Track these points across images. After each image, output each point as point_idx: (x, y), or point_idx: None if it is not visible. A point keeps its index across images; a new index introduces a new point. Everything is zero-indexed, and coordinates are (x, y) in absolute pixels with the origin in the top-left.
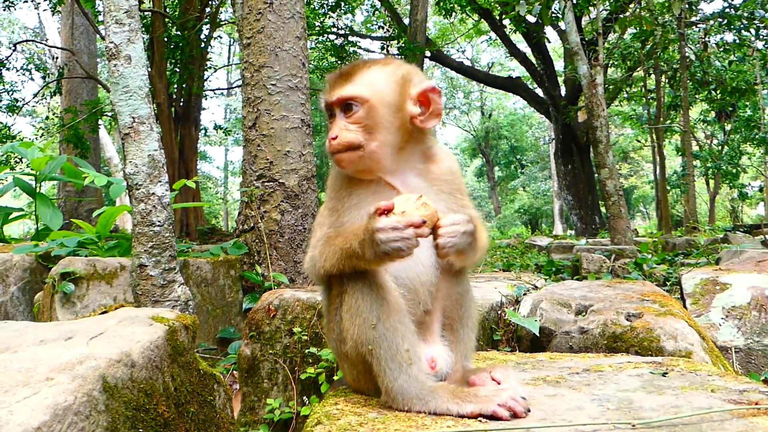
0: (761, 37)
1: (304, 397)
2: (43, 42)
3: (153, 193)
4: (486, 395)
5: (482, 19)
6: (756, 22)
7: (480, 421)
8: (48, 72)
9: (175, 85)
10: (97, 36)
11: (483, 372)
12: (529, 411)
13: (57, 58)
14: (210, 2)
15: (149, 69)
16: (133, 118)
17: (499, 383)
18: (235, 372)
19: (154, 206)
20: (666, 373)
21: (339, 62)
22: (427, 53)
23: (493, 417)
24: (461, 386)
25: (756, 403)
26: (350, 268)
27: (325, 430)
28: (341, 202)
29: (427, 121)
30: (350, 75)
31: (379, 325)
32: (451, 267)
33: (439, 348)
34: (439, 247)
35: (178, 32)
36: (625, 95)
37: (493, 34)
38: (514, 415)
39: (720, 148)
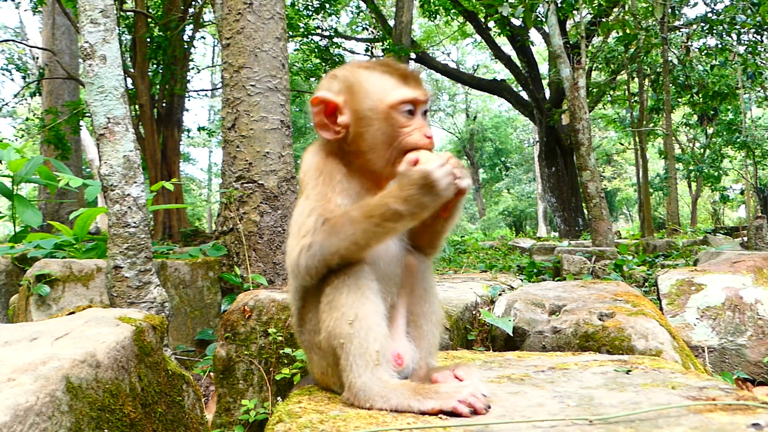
0: (743, 41)
1: (279, 398)
2: (24, 42)
3: (128, 195)
4: (447, 392)
5: (467, 22)
6: (737, 26)
7: (440, 417)
8: (28, 72)
9: (158, 86)
10: (78, 36)
11: (446, 370)
12: (489, 408)
13: (38, 58)
14: (193, 2)
15: (132, 70)
16: (108, 118)
17: (461, 381)
18: (212, 374)
19: (129, 207)
20: (630, 371)
21: (323, 64)
22: (412, 55)
23: (453, 413)
24: (424, 383)
25: (713, 399)
26: (374, 239)
27: (286, 428)
28: (330, 186)
29: None
30: (422, 79)
31: (356, 322)
32: (415, 262)
33: (405, 344)
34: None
35: (161, 33)
36: (609, 98)
37: (478, 37)
38: (474, 412)
39: (702, 151)
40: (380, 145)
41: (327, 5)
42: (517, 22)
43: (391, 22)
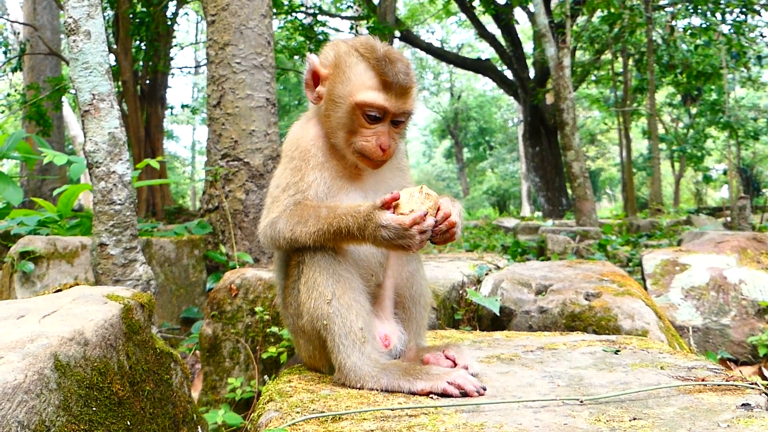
0: (727, 21)
1: (266, 377)
2: (5, 17)
3: (113, 172)
4: (437, 373)
5: (452, 0)
6: (722, 6)
7: (431, 398)
8: (9, 48)
9: (141, 63)
10: (61, 11)
11: (437, 350)
12: (484, 389)
13: (19, 33)
14: None
15: (114, 46)
16: (93, 95)
17: (453, 361)
18: (197, 352)
19: (114, 185)
20: (618, 351)
21: (307, 42)
22: (397, 33)
23: (443, 394)
24: (415, 364)
25: (702, 380)
26: (333, 243)
27: (277, 407)
28: (306, 161)
29: None
30: (410, 89)
31: (334, 301)
32: None
33: (393, 325)
34: (450, 236)
35: (144, 8)
36: (593, 78)
37: (462, 15)
38: (465, 394)
39: (685, 131)
40: (340, 131)
41: None
42: (501, 0)
43: (376, 0)
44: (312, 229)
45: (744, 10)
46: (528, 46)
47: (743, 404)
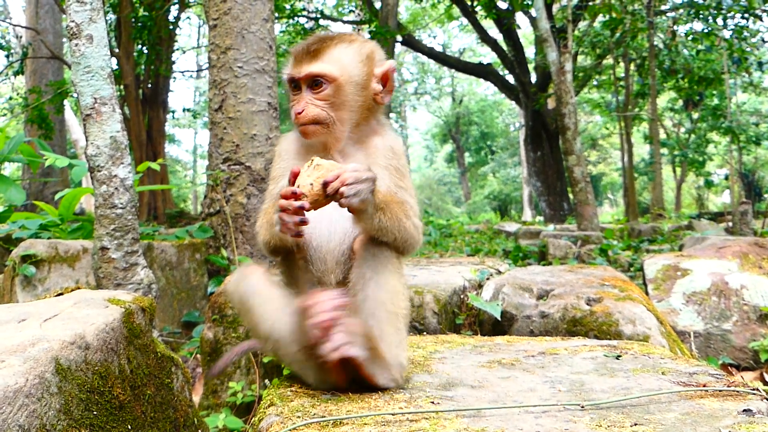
0: (729, 26)
1: (267, 381)
2: (7, 20)
3: (115, 175)
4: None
5: (454, 5)
6: (723, 11)
7: (432, 402)
8: (12, 51)
9: (143, 67)
10: (63, 15)
11: None
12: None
13: (21, 37)
14: None
15: (116, 50)
16: (94, 98)
17: None
18: (198, 356)
19: (116, 188)
20: (620, 356)
21: None
22: (399, 38)
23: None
24: None
25: (704, 385)
26: (281, 243)
27: (278, 412)
28: (281, 168)
29: (385, 97)
30: (319, 51)
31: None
32: (361, 247)
33: None
34: (340, 196)
35: (146, 12)
36: (595, 83)
37: (464, 20)
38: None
39: (687, 136)
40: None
41: None
42: (503, 5)
43: (378, 5)
44: (276, 229)
45: (745, 15)
46: (530, 51)
47: (745, 410)
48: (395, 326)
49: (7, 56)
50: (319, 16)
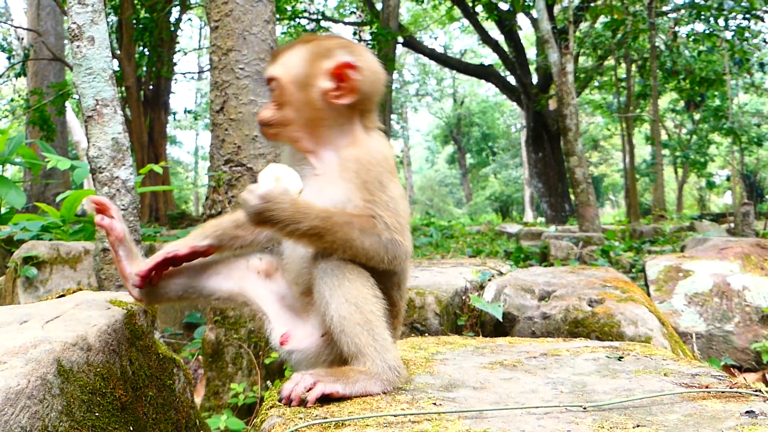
0: (730, 27)
1: (269, 382)
2: (8, 22)
3: (117, 177)
4: None
5: (455, 6)
6: (725, 12)
7: (435, 404)
8: (13, 53)
9: (144, 68)
10: (64, 17)
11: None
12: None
13: (23, 38)
14: None
15: (118, 52)
16: (96, 100)
17: None
18: (200, 357)
19: (118, 190)
20: (622, 358)
21: None
22: (400, 39)
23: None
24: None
25: (706, 387)
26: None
27: (280, 413)
28: None
29: (342, 97)
30: (277, 55)
31: None
32: (311, 259)
33: (307, 328)
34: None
35: (147, 14)
36: (596, 84)
37: (465, 21)
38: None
39: (688, 137)
40: None
41: None
42: (504, 6)
43: (379, 6)
44: None
45: (747, 16)
46: (531, 52)
47: (747, 411)
48: (371, 334)
49: (9, 58)
50: (320, 17)
